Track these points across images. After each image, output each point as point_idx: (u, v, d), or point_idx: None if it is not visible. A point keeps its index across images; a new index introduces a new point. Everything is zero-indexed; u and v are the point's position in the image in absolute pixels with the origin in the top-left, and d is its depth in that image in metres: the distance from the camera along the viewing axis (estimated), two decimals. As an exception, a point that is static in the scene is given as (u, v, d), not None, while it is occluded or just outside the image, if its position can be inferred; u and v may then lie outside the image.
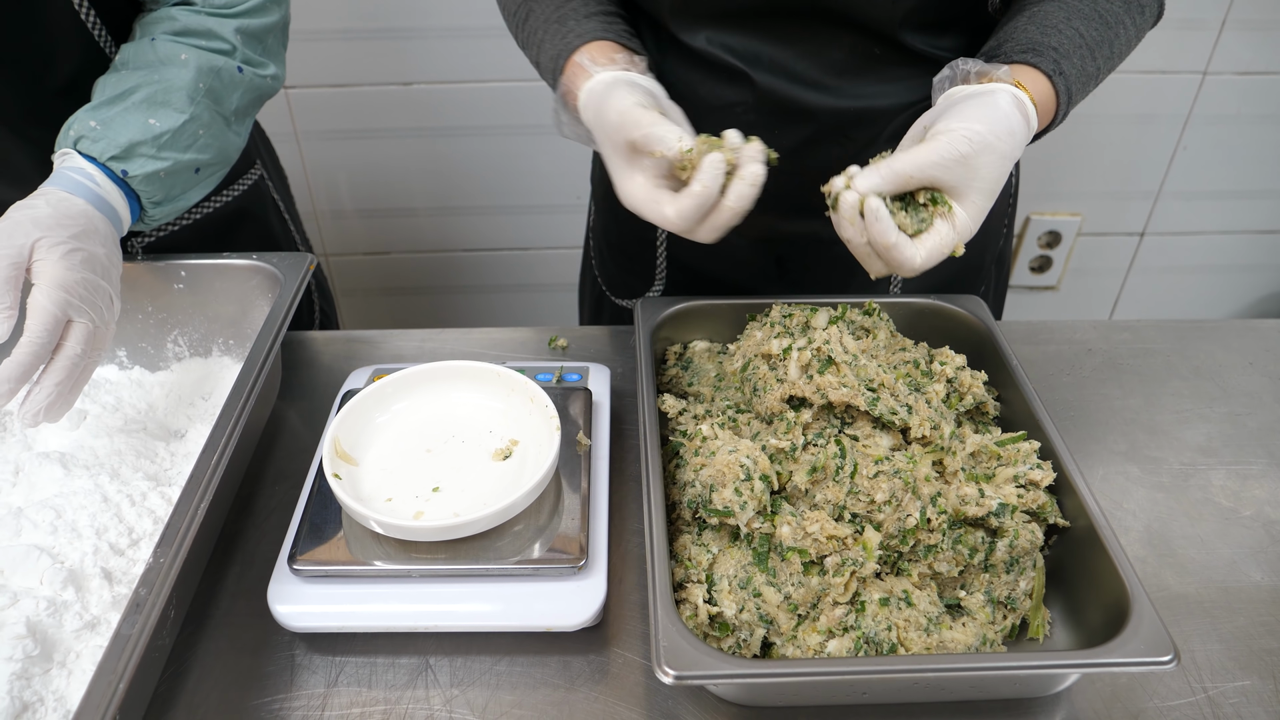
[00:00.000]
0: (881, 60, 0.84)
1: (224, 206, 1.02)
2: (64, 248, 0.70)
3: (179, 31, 0.84)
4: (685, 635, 0.59)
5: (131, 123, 0.79)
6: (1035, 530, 0.68)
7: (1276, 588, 0.75)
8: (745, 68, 0.85)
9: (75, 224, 0.73)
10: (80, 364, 0.70)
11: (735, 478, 0.66)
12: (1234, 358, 0.98)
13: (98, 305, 0.71)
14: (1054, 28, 0.76)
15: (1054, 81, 0.74)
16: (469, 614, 0.67)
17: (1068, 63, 0.75)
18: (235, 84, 0.86)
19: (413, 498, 0.70)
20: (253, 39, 0.88)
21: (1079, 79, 0.76)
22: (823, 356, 0.71)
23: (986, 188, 0.69)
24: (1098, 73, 0.79)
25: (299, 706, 0.66)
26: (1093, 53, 0.77)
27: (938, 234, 0.69)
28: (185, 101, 0.81)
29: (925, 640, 0.63)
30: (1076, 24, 0.76)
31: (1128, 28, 0.80)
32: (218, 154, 0.85)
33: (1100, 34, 0.77)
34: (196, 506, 0.63)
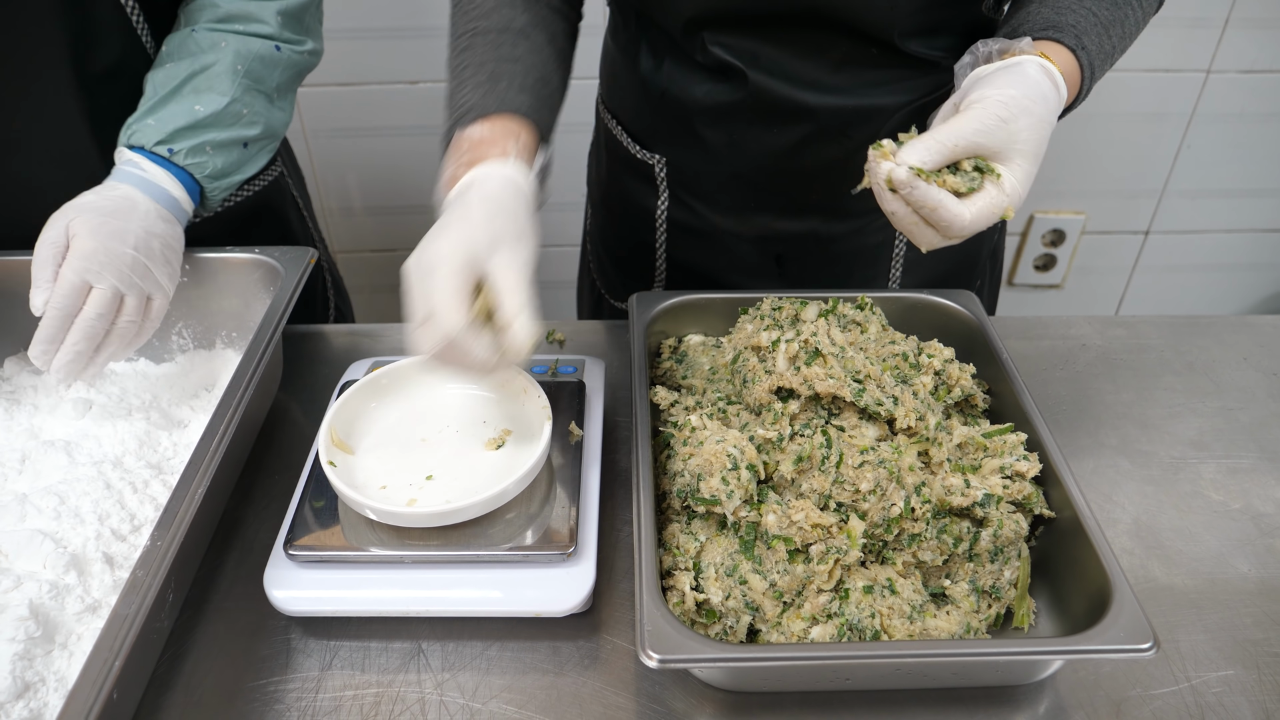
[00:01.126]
0: (878, 62, 0.85)
1: (245, 201, 1.05)
2: (91, 224, 0.76)
3: (221, 18, 0.89)
4: (670, 620, 0.60)
5: (180, 112, 0.85)
6: (1020, 521, 0.69)
7: (1263, 579, 0.75)
8: (742, 65, 0.86)
9: (110, 204, 0.79)
10: (96, 326, 0.76)
11: (722, 467, 0.67)
12: (1228, 353, 0.99)
13: (121, 271, 0.76)
14: (1068, 8, 0.76)
15: (1077, 55, 0.74)
16: (460, 599, 0.68)
17: (1087, 38, 0.75)
18: (274, 63, 0.91)
19: (406, 485, 0.72)
20: (292, 19, 0.92)
21: (1099, 55, 0.76)
22: (810, 348, 0.72)
23: (1030, 150, 0.68)
24: (1113, 51, 0.79)
25: (293, 689, 0.67)
26: (1107, 30, 0.77)
27: (987, 195, 0.68)
28: (227, 85, 0.86)
29: (908, 628, 0.64)
30: (1089, 4, 0.77)
31: (1135, 10, 0.80)
32: (265, 129, 0.91)
33: (1111, 13, 0.78)
34: (194, 493, 0.64)
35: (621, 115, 1.04)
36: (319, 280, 1.22)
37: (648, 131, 1.00)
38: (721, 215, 1.00)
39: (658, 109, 0.96)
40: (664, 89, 0.94)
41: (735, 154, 0.94)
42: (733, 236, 1.01)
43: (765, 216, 0.98)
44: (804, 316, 0.79)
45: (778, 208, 0.97)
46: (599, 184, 1.13)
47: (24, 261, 0.79)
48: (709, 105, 0.91)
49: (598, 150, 1.11)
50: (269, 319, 0.80)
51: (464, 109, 0.75)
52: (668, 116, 0.96)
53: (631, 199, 1.05)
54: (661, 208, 1.03)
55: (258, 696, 0.67)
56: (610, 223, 1.12)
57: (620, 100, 1.03)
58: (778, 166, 0.93)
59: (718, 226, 1.01)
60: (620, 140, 1.04)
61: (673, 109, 0.94)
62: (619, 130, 1.04)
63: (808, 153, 0.92)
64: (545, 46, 0.81)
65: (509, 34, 0.79)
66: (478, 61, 0.77)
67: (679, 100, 0.93)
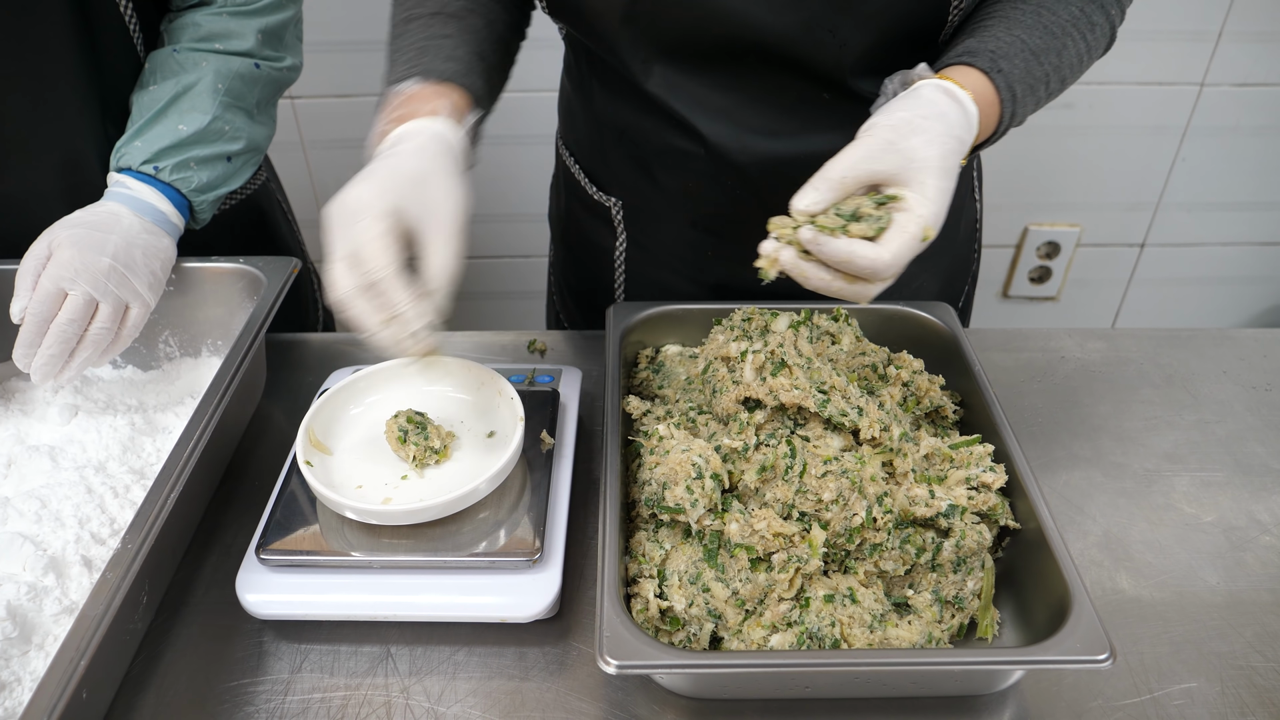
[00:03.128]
0: (831, 106, 0.83)
1: (237, 206, 1.08)
2: (73, 237, 0.80)
3: (202, 37, 0.92)
4: (629, 627, 0.61)
5: (164, 133, 0.88)
6: (983, 531, 0.69)
7: (1231, 592, 0.75)
8: (691, 119, 0.85)
9: (94, 219, 0.82)
10: (68, 331, 0.78)
11: (687, 476, 0.68)
12: (1208, 366, 0.99)
13: (96, 279, 0.78)
14: (992, 35, 0.75)
15: (992, 78, 0.72)
16: (427, 604, 0.69)
17: (1007, 62, 0.73)
18: (254, 80, 0.94)
19: (382, 485, 0.73)
20: (271, 36, 0.95)
21: (1024, 79, 0.74)
22: (776, 359, 0.73)
23: (932, 164, 0.65)
24: (1047, 78, 0.77)
25: (263, 691, 0.68)
26: (1037, 58, 0.75)
27: (898, 227, 0.64)
28: (209, 104, 0.89)
29: (869, 637, 0.65)
30: (1017, 31, 0.75)
31: (1076, 40, 0.78)
32: (247, 143, 0.94)
33: (1044, 41, 0.75)
34: (166, 497, 0.66)
35: (579, 154, 1.02)
36: (308, 289, 1.24)
37: (604, 173, 0.99)
38: (680, 261, 0.98)
39: (614, 150, 0.95)
40: (621, 130, 0.92)
41: (690, 200, 0.93)
42: (693, 283, 1.00)
43: (723, 266, 0.97)
44: (774, 327, 0.79)
45: (734, 257, 0.96)
46: (559, 220, 1.11)
47: (13, 271, 0.81)
48: (662, 149, 0.90)
49: (558, 186, 1.10)
50: (249, 327, 0.82)
51: (396, 79, 0.77)
52: (623, 158, 0.94)
53: (590, 238, 1.04)
54: (620, 249, 1.02)
55: (228, 698, 0.68)
56: (570, 260, 1.10)
57: (576, 139, 1.02)
58: (732, 217, 0.92)
59: (678, 272, 0.99)
60: (578, 180, 1.02)
61: (628, 150, 0.93)
62: (577, 170, 1.02)
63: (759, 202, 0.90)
64: (482, 29, 0.82)
65: (440, 16, 0.81)
66: (410, 43, 0.79)
67: (634, 142, 0.92)
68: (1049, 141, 1.72)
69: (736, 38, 0.79)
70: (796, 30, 0.77)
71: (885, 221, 0.65)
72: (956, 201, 1.00)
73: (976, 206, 1.06)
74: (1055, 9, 0.78)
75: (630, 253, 1.01)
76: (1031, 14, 0.77)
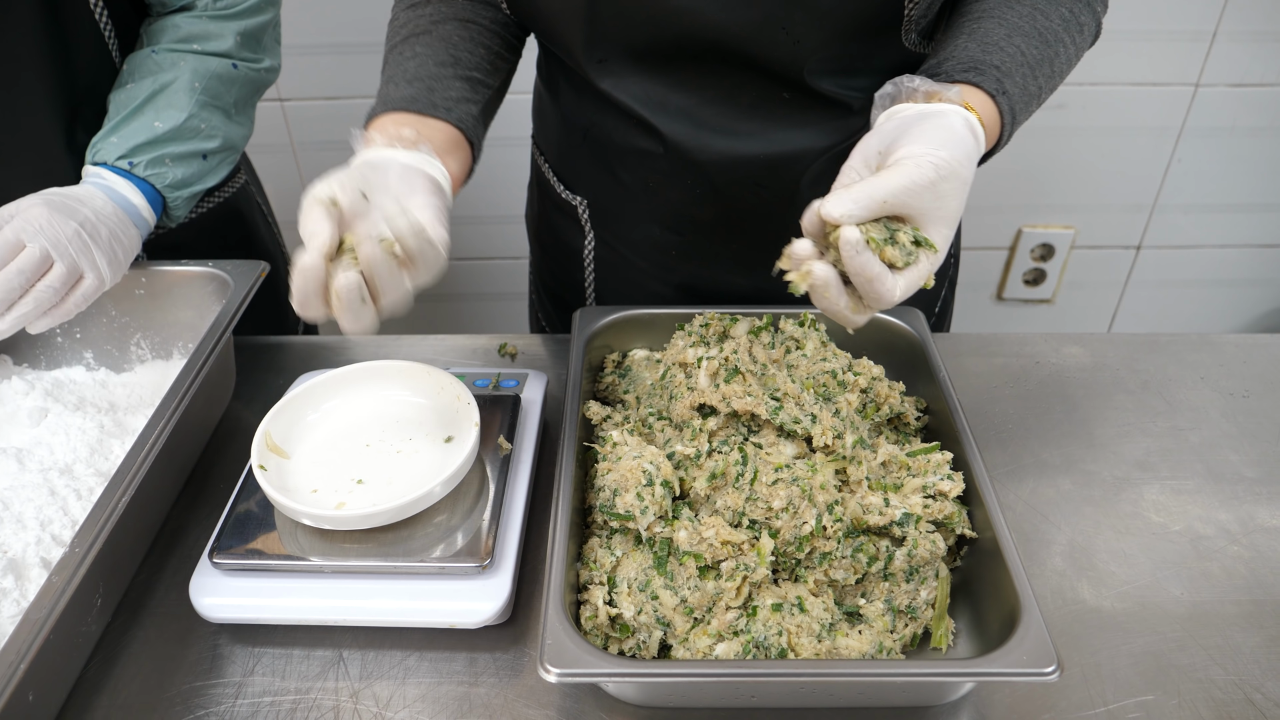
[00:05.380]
0: (791, 105, 0.83)
1: (215, 208, 1.09)
2: (45, 198, 0.81)
3: (181, 39, 0.93)
4: (572, 635, 0.60)
5: (140, 129, 0.89)
6: (937, 540, 0.69)
7: (1195, 604, 0.74)
8: (651, 119, 0.85)
9: (67, 191, 0.84)
10: (14, 281, 0.77)
11: (638, 483, 0.68)
12: (1186, 372, 0.97)
13: (57, 239, 0.79)
14: (995, 45, 0.74)
15: (997, 101, 0.71)
16: (376, 609, 0.69)
17: (1010, 81, 0.72)
18: (231, 80, 0.95)
19: (336, 490, 0.73)
20: (250, 38, 0.97)
21: (1022, 98, 0.74)
22: (730, 366, 0.72)
23: (951, 215, 0.65)
24: (1039, 92, 0.76)
25: (215, 694, 0.68)
26: (1034, 71, 0.75)
27: (918, 270, 0.64)
28: (185, 101, 0.91)
29: (817, 646, 0.64)
30: (1017, 41, 0.74)
31: (1067, 46, 0.78)
32: (223, 142, 0.95)
33: (1041, 52, 0.75)
34: (117, 501, 0.66)
35: (548, 153, 1.03)
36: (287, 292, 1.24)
37: (571, 172, 1.00)
38: (647, 261, 0.99)
39: (579, 149, 0.95)
40: (585, 129, 0.93)
41: (653, 200, 0.93)
42: (660, 282, 1.00)
43: (689, 265, 0.97)
44: (733, 333, 0.79)
45: (699, 256, 0.96)
46: (533, 220, 1.12)
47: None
48: (625, 149, 0.90)
49: (532, 186, 1.11)
50: (213, 330, 0.82)
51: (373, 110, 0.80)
52: (588, 157, 0.95)
53: (560, 237, 1.05)
54: (588, 248, 1.02)
55: (179, 701, 0.68)
56: (544, 259, 1.11)
57: (546, 138, 1.03)
58: (696, 214, 0.92)
59: (645, 272, 1.00)
60: (548, 177, 1.03)
61: (593, 150, 0.93)
62: (546, 169, 1.03)
63: (722, 202, 0.89)
64: (455, 34, 0.84)
65: (410, 39, 0.83)
66: (385, 75, 0.83)
67: (598, 141, 0.92)
68: (1042, 142, 1.70)
69: (691, 36, 0.79)
70: (750, 27, 0.77)
71: (914, 259, 0.64)
72: None
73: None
74: (1049, 12, 0.76)
75: (599, 252, 1.02)
76: (1028, 18, 0.76)
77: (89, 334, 0.94)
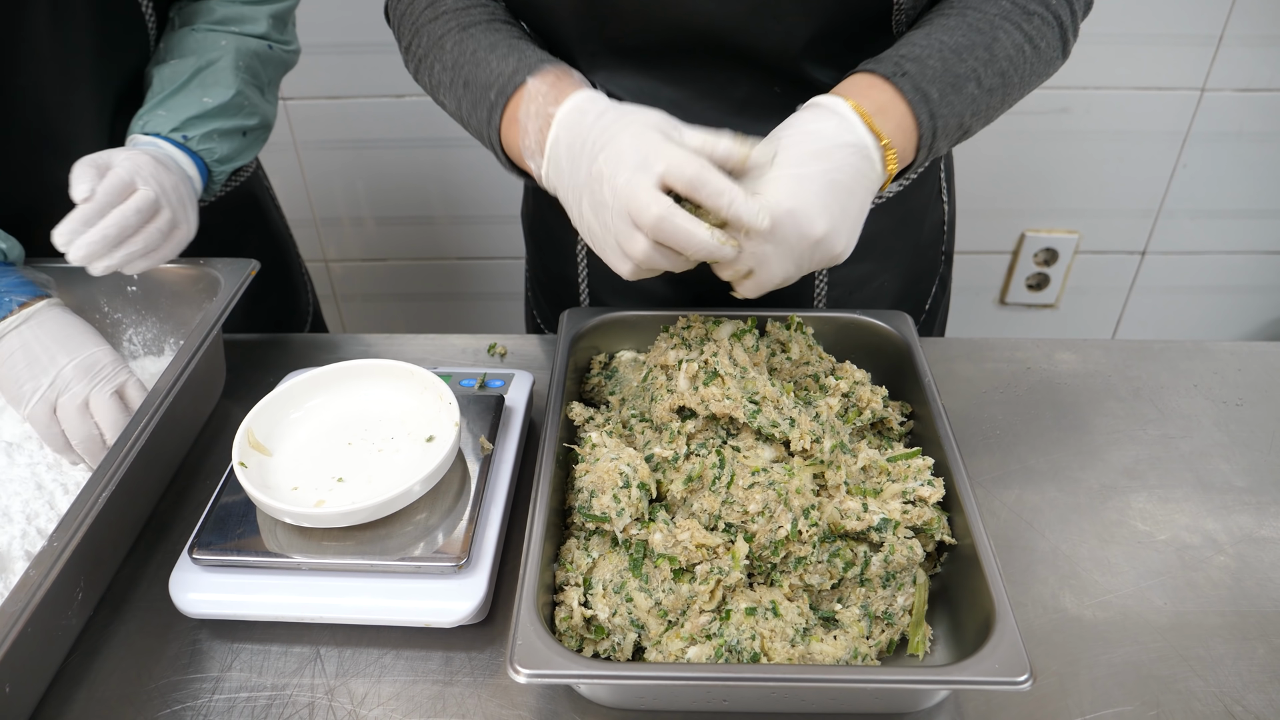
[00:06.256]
0: (784, 99, 0.82)
1: (234, 192, 1.11)
2: (138, 149, 0.85)
3: (218, 20, 0.97)
4: (543, 636, 0.61)
5: (189, 103, 0.91)
6: (914, 546, 0.68)
7: (1178, 614, 0.73)
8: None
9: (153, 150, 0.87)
10: (131, 220, 0.80)
11: (614, 484, 0.68)
12: (1179, 380, 0.97)
13: (164, 186, 0.83)
14: (908, 42, 0.74)
15: (895, 82, 0.71)
16: (353, 607, 0.69)
17: (914, 65, 0.72)
18: (268, 60, 1.00)
19: (317, 487, 0.73)
20: (279, 21, 1.02)
21: (937, 78, 0.72)
22: (709, 369, 0.72)
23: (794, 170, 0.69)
24: (977, 74, 0.74)
25: (192, 689, 0.69)
26: (959, 55, 0.73)
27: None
28: (231, 79, 0.94)
29: (790, 651, 0.64)
30: (936, 35, 0.74)
31: (1010, 31, 0.75)
32: (261, 120, 0.99)
33: (967, 39, 0.74)
34: (97, 497, 0.67)
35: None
36: (300, 287, 1.25)
37: None
38: None
39: None
40: None
41: None
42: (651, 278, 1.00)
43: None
44: (716, 336, 0.79)
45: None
46: (527, 217, 1.12)
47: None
48: None
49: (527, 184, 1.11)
50: (200, 327, 0.82)
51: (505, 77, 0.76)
52: None
53: (553, 232, 1.04)
54: (581, 243, 1.02)
55: (156, 696, 0.68)
56: (537, 254, 1.11)
57: None
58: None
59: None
60: None
61: None
62: None
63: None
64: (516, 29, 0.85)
65: (496, 22, 0.83)
66: (489, 43, 0.79)
67: None
68: (1045, 146, 1.69)
69: (682, 25, 0.79)
70: (741, 17, 0.77)
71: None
72: (922, 202, 0.99)
73: (944, 208, 1.05)
74: (982, 6, 0.76)
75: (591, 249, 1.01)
76: (956, 16, 0.76)
77: (82, 330, 0.95)
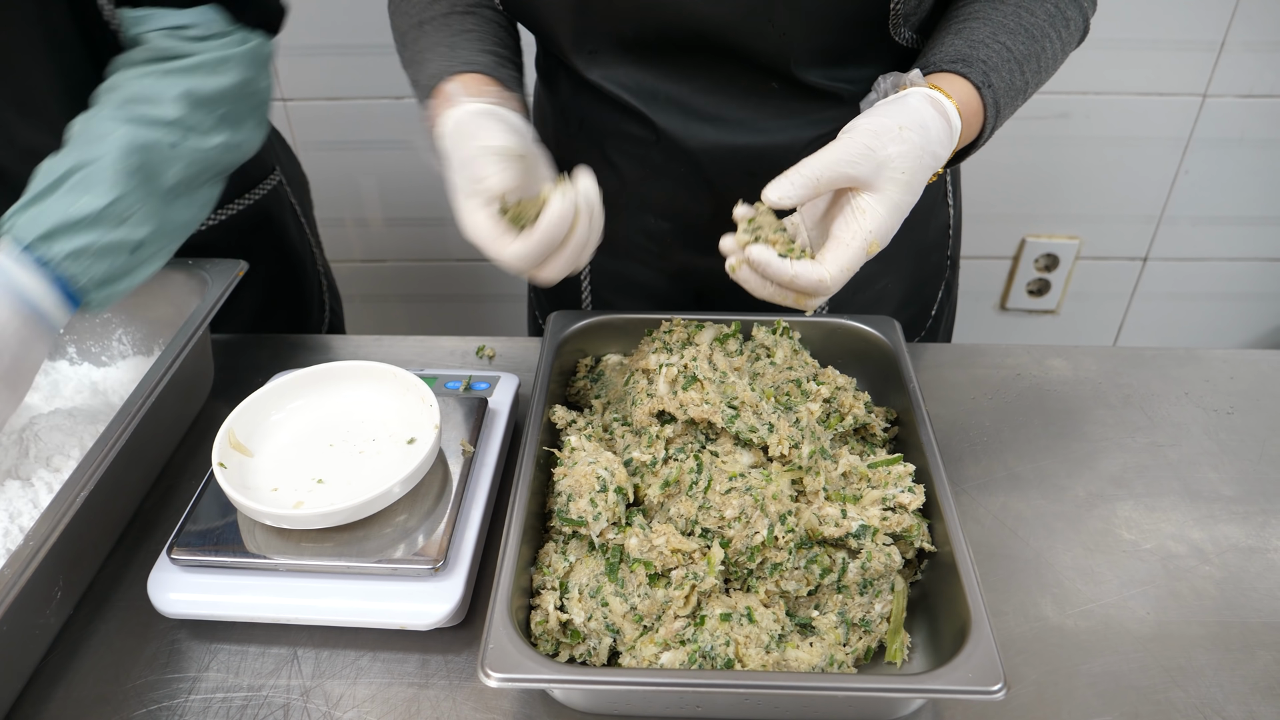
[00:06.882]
0: (780, 95, 0.83)
1: (246, 210, 1.09)
2: None
3: (125, 100, 0.80)
4: (514, 639, 0.60)
5: (56, 208, 0.74)
6: (892, 553, 0.68)
7: (1160, 624, 0.73)
8: (643, 108, 0.86)
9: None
10: None
11: (591, 488, 0.68)
12: (1170, 388, 0.96)
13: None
14: (981, 42, 0.75)
15: (981, 93, 0.73)
16: (330, 608, 0.69)
17: (996, 76, 0.74)
18: (170, 159, 0.81)
19: (296, 489, 0.74)
20: (201, 105, 0.83)
21: (1007, 93, 0.75)
22: (689, 374, 0.72)
23: (902, 179, 0.66)
24: (1025, 87, 0.78)
25: (169, 689, 0.69)
26: (1021, 67, 0.76)
27: (839, 242, 0.66)
28: (111, 181, 0.76)
29: (764, 658, 0.64)
30: (1003, 38, 0.75)
31: (1053, 41, 0.78)
32: (156, 230, 0.80)
33: (1027, 48, 0.76)
34: (75, 496, 0.67)
35: (545, 142, 1.04)
36: (315, 289, 1.25)
37: (565, 163, 1.00)
38: (640, 249, 0.99)
39: (575, 137, 0.96)
40: (581, 118, 0.94)
41: (648, 188, 0.93)
42: (653, 271, 1.00)
43: (683, 253, 0.97)
44: (698, 340, 0.79)
45: (695, 245, 0.96)
46: None
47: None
48: (619, 139, 0.91)
49: None
50: (185, 329, 0.83)
51: (434, 76, 0.78)
52: (583, 147, 0.96)
53: None
54: None
55: (133, 695, 0.69)
56: None
57: (543, 133, 1.03)
58: (688, 203, 0.92)
59: (638, 260, 1.00)
60: None
61: (588, 139, 0.94)
62: None
63: (714, 191, 0.90)
64: (495, 21, 0.85)
65: (455, 15, 0.83)
66: (435, 42, 0.81)
67: (593, 131, 0.93)
68: (1046, 151, 1.68)
69: (677, 25, 0.79)
70: (734, 18, 0.77)
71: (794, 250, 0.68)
72: (926, 204, 0.99)
73: (949, 212, 1.05)
74: (1034, 8, 0.77)
75: None
76: (1013, 15, 0.77)
77: (73, 328, 0.95)
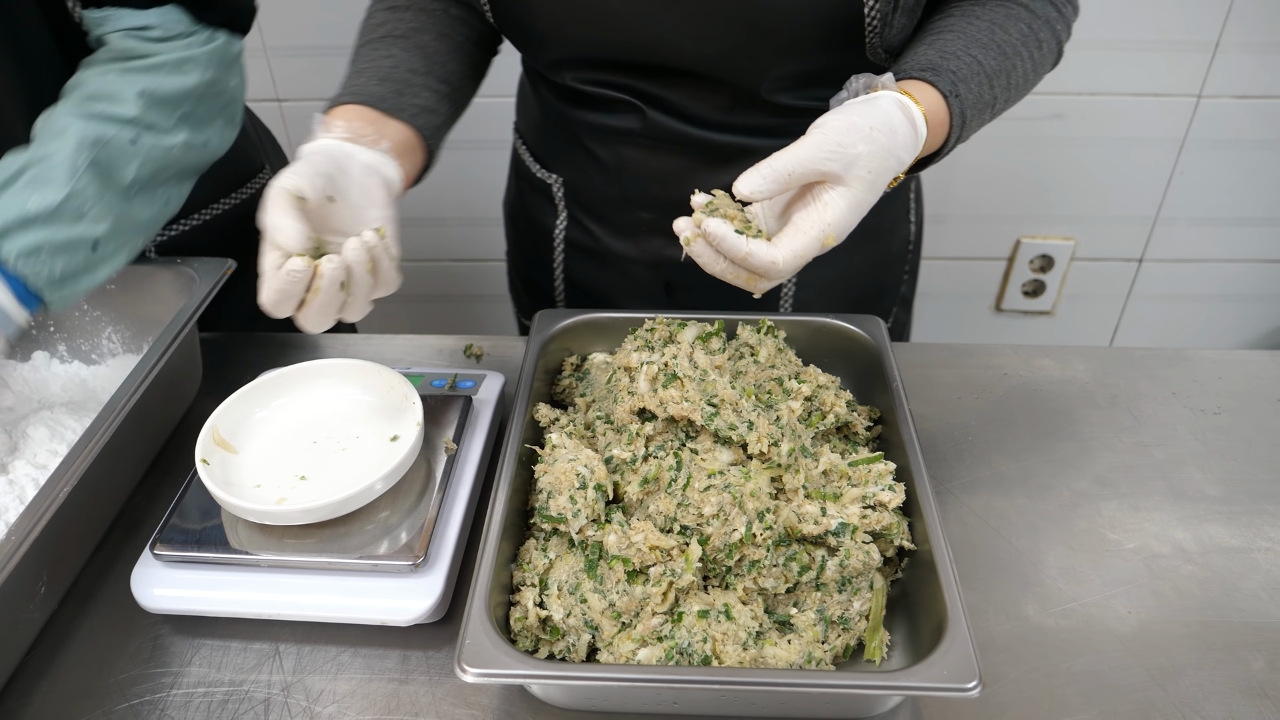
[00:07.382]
0: (762, 109, 0.87)
1: (233, 209, 1.09)
2: None
3: (84, 98, 0.79)
4: (491, 635, 0.61)
5: (10, 206, 0.73)
6: (871, 552, 0.68)
7: (1142, 624, 0.73)
8: (630, 99, 0.89)
9: None
10: None
11: (571, 485, 0.68)
12: (1157, 388, 0.96)
13: None
14: (953, 54, 0.76)
15: (949, 103, 0.74)
16: (310, 604, 0.70)
17: (965, 87, 0.75)
18: (128, 155, 0.80)
19: (279, 485, 0.74)
20: (160, 103, 0.81)
21: (975, 105, 0.76)
22: (669, 371, 0.72)
23: (867, 178, 0.66)
24: (994, 102, 0.78)
25: (151, 684, 0.69)
26: (990, 81, 0.77)
27: (796, 229, 0.66)
28: (65, 177, 0.75)
29: (742, 654, 0.64)
30: (975, 52, 0.76)
31: (1025, 60, 0.79)
32: (115, 227, 0.79)
33: (998, 64, 0.77)
34: (58, 492, 0.67)
35: (526, 134, 1.06)
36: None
37: (547, 150, 1.02)
38: (615, 237, 1.01)
39: (556, 127, 0.98)
40: (561, 110, 0.95)
41: (627, 176, 0.95)
42: (627, 260, 1.02)
43: (657, 240, 0.99)
44: (680, 339, 0.79)
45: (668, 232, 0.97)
46: (509, 204, 1.16)
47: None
48: (603, 126, 0.93)
49: (510, 172, 1.14)
50: (171, 326, 0.83)
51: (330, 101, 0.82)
52: (565, 135, 0.97)
53: (533, 218, 1.07)
54: (560, 227, 1.05)
55: (115, 690, 0.69)
56: (516, 241, 1.14)
57: (525, 119, 1.06)
58: (667, 191, 0.94)
59: (612, 249, 1.02)
60: (524, 158, 1.06)
61: (571, 127, 0.96)
62: (523, 149, 1.07)
63: (694, 180, 0.92)
64: (433, 44, 0.86)
65: (387, 39, 0.86)
66: (355, 67, 0.85)
67: (577, 120, 0.95)
68: (1041, 152, 1.68)
69: (663, 63, 0.84)
70: (717, 57, 0.81)
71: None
72: (888, 221, 1.01)
73: (910, 228, 1.06)
74: (1008, 26, 0.79)
75: (569, 233, 1.05)
76: (987, 31, 0.78)
77: (63, 326, 0.96)
